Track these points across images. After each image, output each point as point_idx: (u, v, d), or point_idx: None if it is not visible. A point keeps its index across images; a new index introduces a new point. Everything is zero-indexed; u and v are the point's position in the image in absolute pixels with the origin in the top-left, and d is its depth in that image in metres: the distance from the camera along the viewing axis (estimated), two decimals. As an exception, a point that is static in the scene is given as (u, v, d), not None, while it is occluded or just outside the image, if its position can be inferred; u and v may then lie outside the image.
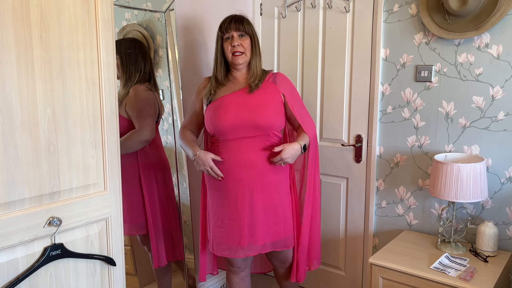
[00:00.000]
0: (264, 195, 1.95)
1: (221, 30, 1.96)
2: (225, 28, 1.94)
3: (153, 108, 2.15)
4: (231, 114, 1.90)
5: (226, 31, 1.94)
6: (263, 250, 1.99)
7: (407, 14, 2.20)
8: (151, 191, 2.23)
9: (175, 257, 2.40)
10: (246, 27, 1.95)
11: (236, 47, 1.92)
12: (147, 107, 2.12)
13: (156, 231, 2.27)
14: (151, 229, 2.24)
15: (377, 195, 2.45)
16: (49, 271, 1.40)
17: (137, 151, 2.15)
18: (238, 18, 1.96)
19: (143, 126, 2.09)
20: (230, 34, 1.94)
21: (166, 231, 2.33)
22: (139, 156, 2.17)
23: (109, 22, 1.46)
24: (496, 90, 2.00)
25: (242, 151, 1.92)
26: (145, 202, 2.21)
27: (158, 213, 2.28)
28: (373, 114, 2.38)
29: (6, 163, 1.26)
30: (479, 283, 1.75)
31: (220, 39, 1.97)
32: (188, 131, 2.10)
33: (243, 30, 1.94)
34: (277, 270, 2.21)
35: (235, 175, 1.93)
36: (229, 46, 1.94)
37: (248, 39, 1.95)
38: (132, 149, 2.11)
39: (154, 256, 2.26)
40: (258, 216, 1.94)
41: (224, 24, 1.95)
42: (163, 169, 2.33)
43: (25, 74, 1.27)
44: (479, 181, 1.89)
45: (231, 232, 1.95)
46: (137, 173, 2.17)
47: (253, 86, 1.95)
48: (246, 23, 1.96)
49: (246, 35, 1.95)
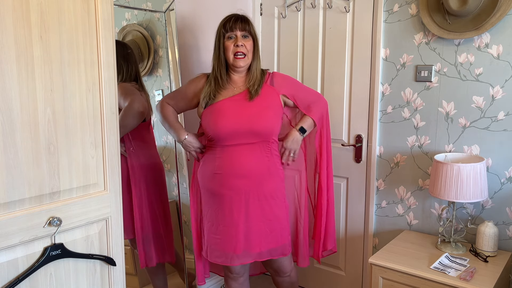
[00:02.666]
0: (261, 202, 1.91)
1: (224, 28, 1.87)
2: (229, 26, 1.86)
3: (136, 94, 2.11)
4: (230, 121, 1.86)
5: (230, 29, 1.86)
6: (259, 258, 1.96)
7: (407, 14, 2.20)
8: (140, 193, 2.20)
9: (164, 259, 2.37)
10: (251, 27, 1.90)
11: (240, 47, 1.86)
12: (130, 91, 2.09)
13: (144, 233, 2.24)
14: (138, 231, 2.21)
15: (377, 195, 2.45)
16: (49, 271, 1.40)
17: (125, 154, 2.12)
18: (243, 17, 1.90)
19: (130, 102, 2.05)
20: (234, 33, 1.86)
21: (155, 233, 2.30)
22: (129, 157, 2.14)
23: (109, 22, 1.46)
24: (496, 90, 2.00)
25: (240, 157, 1.89)
26: (133, 204, 2.17)
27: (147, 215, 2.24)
28: (373, 114, 2.38)
29: (6, 163, 1.26)
30: (479, 283, 1.75)
31: (222, 37, 1.88)
32: (170, 108, 2.03)
33: (248, 31, 1.88)
34: (273, 277, 2.19)
35: (232, 182, 1.89)
36: (231, 45, 1.86)
37: (251, 40, 1.90)
38: (130, 126, 2.07)
39: (141, 256, 2.22)
40: (254, 223, 1.91)
41: (229, 22, 1.86)
42: (155, 169, 2.30)
43: (25, 74, 1.27)
44: (479, 181, 1.89)
45: (225, 239, 1.92)
46: (126, 175, 2.14)
47: (253, 92, 1.89)
48: (250, 24, 1.91)
49: (250, 36, 1.90)
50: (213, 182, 1.93)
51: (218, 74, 1.93)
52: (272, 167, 1.94)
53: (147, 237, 2.25)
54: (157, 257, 2.31)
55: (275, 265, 2.07)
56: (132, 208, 2.18)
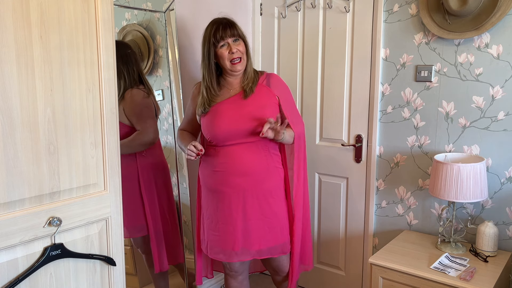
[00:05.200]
0: (259, 200, 1.93)
1: (215, 38, 1.85)
2: (220, 36, 1.85)
3: (151, 110, 2.15)
4: (227, 121, 1.87)
5: (221, 38, 1.85)
6: (258, 256, 1.97)
7: (407, 14, 2.20)
8: (150, 193, 2.22)
9: (175, 260, 2.39)
10: (238, 30, 1.89)
11: (235, 53, 1.86)
12: (145, 110, 2.11)
13: (157, 234, 2.26)
14: (151, 232, 2.23)
15: (377, 195, 2.45)
16: (49, 271, 1.40)
17: (135, 153, 2.14)
18: (229, 22, 1.89)
19: (145, 128, 2.09)
20: (225, 41, 1.86)
21: (165, 234, 2.32)
22: (138, 158, 2.16)
23: (109, 22, 1.46)
24: (496, 90, 2.00)
25: (239, 156, 1.90)
26: (145, 204, 2.20)
27: (157, 215, 2.27)
28: (373, 114, 2.38)
29: (6, 163, 1.26)
30: (479, 283, 1.75)
31: (213, 47, 1.87)
32: (185, 132, 2.11)
33: (237, 35, 1.88)
34: (272, 276, 2.20)
35: (231, 180, 1.91)
36: (226, 53, 1.86)
37: (242, 42, 1.90)
38: (134, 151, 2.11)
39: (155, 261, 2.24)
40: (252, 221, 1.92)
41: (218, 31, 1.85)
42: (162, 170, 2.33)
43: (25, 74, 1.27)
44: (479, 181, 1.89)
45: (224, 237, 1.94)
46: (136, 175, 2.17)
47: (248, 90, 1.90)
48: (237, 27, 1.90)
49: (240, 39, 1.89)
50: (213, 180, 1.95)
51: (209, 84, 1.93)
52: (271, 165, 1.95)
53: (159, 237, 2.26)
54: (169, 259, 2.32)
55: (274, 264, 2.08)
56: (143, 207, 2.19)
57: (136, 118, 2.09)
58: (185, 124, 2.13)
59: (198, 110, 1.96)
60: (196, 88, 2.04)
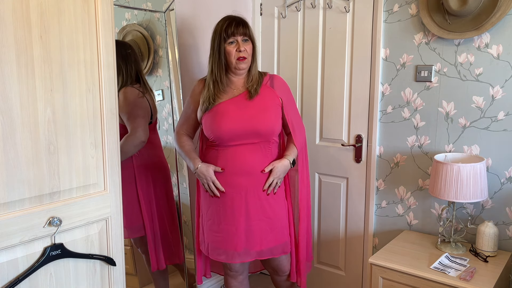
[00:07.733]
0: (261, 200, 1.93)
1: (226, 33, 1.85)
2: (231, 32, 1.85)
3: (142, 109, 2.11)
4: (231, 122, 1.86)
5: (232, 34, 1.85)
6: (259, 256, 1.97)
7: (407, 14, 2.20)
8: (147, 193, 2.21)
9: (172, 260, 2.38)
10: (250, 30, 1.90)
11: (242, 52, 1.86)
12: (136, 109, 2.08)
13: (153, 234, 2.25)
14: (148, 232, 2.22)
15: (377, 195, 2.45)
16: (49, 271, 1.40)
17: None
18: (242, 21, 1.89)
19: (134, 128, 2.06)
20: (235, 38, 1.86)
21: (163, 234, 2.31)
22: (134, 158, 2.15)
23: (109, 22, 1.46)
24: (496, 90, 2.00)
25: (241, 157, 1.90)
26: (141, 204, 2.18)
27: (155, 215, 2.26)
28: (373, 114, 2.38)
29: (6, 163, 1.26)
30: (479, 283, 1.75)
31: (223, 42, 1.86)
32: (184, 137, 2.05)
33: (248, 35, 1.88)
34: (271, 276, 2.20)
35: (233, 181, 1.90)
36: (233, 51, 1.86)
37: (251, 43, 1.90)
38: (130, 153, 2.09)
39: (152, 260, 2.24)
40: (254, 221, 1.92)
41: (230, 27, 1.85)
42: (161, 169, 2.31)
43: (25, 74, 1.27)
44: (479, 181, 1.89)
45: (227, 238, 1.93)
46: (133, 175, 2.15)
47: (253, 91, 1.90)
48: (249, 27, 1.91)
49: (249, 40, 1.90)
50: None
51: (218, 78, 1.92)
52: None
53: (156, 237, 2.26)
54: (166, 258, 2.31)
55: (274, 263, 2.08)
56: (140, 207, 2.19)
57: (126, 117, 2.06)
58: (182, 124, 2.08)
59: (202, 106, 1.93)
60: (198, 84, 2.01)
